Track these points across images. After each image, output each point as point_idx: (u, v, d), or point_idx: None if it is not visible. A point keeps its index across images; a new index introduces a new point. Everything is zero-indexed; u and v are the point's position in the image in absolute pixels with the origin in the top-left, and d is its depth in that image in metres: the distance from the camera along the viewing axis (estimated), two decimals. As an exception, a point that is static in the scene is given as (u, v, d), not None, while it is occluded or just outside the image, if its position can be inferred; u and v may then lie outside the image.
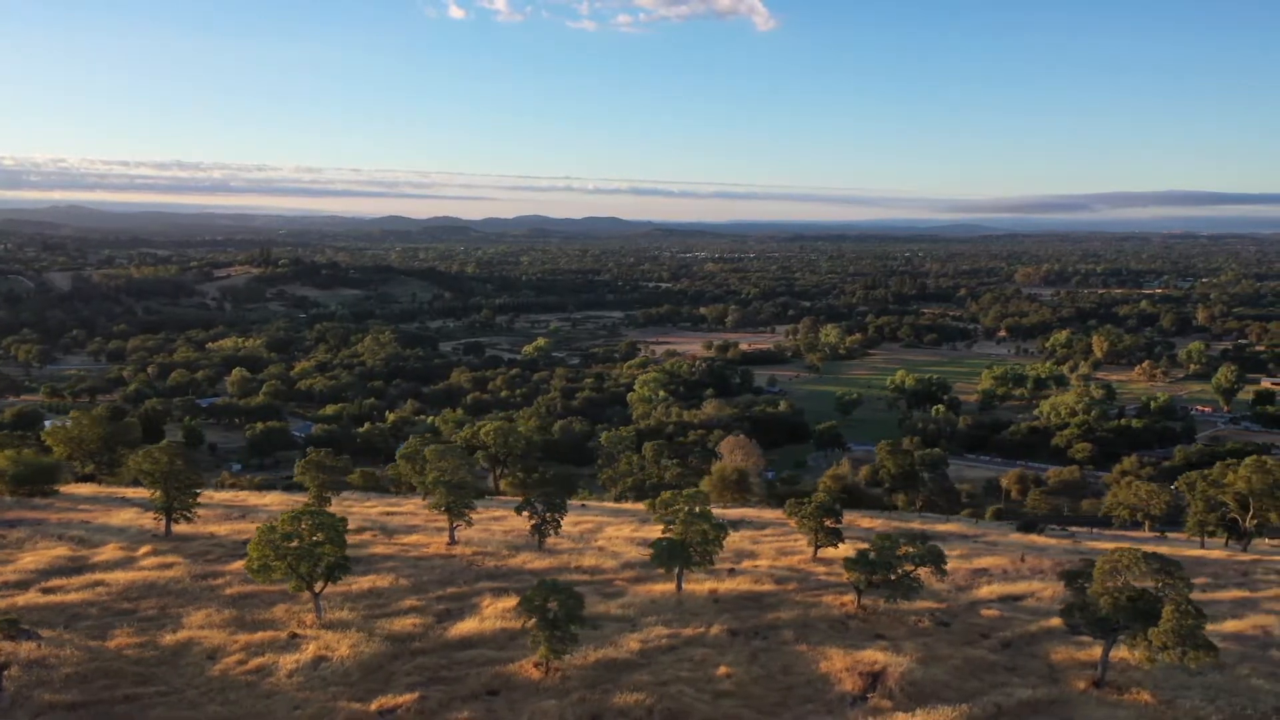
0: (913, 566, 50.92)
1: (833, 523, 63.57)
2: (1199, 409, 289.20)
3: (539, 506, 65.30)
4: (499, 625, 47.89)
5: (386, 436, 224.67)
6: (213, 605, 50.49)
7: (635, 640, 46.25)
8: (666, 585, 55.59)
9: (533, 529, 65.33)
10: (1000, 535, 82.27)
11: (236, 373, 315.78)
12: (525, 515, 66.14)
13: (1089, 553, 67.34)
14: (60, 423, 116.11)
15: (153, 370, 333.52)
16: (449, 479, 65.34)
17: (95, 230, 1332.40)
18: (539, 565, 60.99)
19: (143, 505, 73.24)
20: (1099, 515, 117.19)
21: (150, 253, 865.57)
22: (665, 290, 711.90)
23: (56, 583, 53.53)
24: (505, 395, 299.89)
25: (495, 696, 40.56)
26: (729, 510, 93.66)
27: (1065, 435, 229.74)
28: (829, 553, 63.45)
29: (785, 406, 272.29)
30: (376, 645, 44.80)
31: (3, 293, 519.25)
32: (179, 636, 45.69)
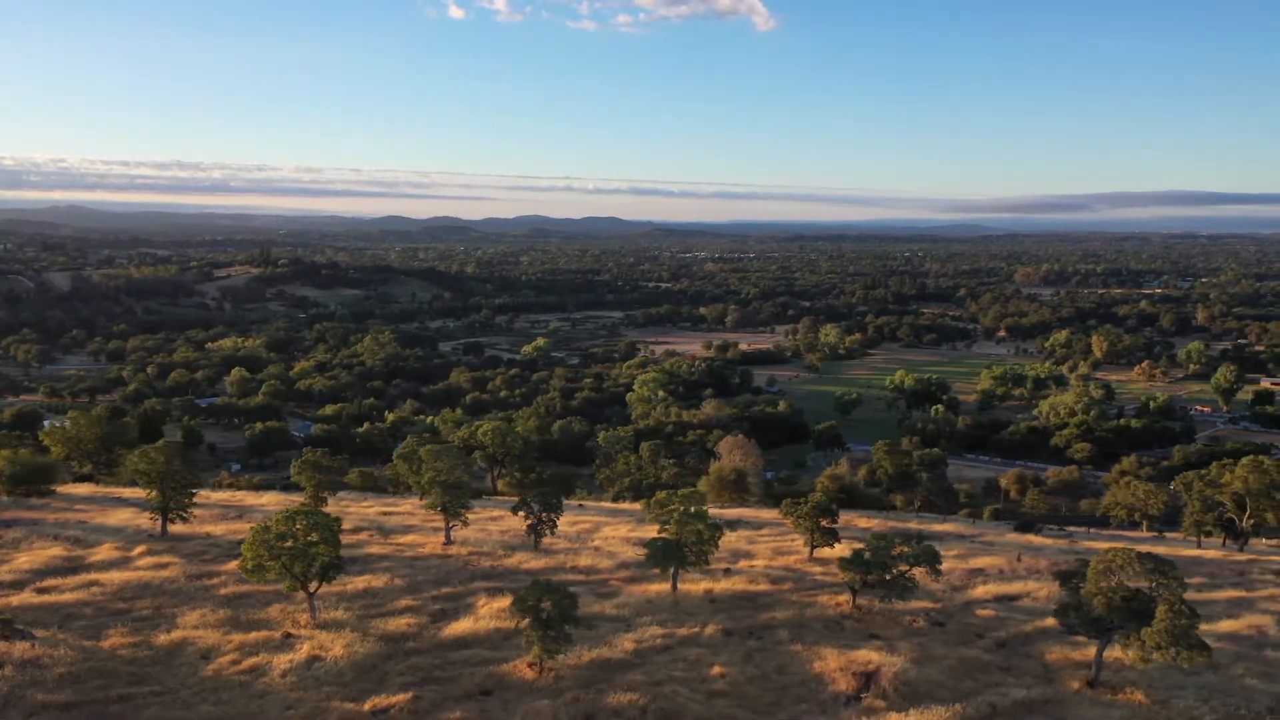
0: (907, 566, 50.90)
1: (829, 523, 63.57)
2: (1198, 409, 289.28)
3: (535, 506, 65.30)
4: (493, 625, 47.85)
5: (386, 436, 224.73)
6: (207, 605, 50.48)
7: (630, 640, 46.21)
8: (662, 585, 55.59)
9: (529, 529, 65.34)
10: (997, 535, 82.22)
11: (236, 373, 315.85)
12: (521, 515, 66.15)
13: (1085, 553, 67.23)
14: (58, 423, 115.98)
15: (152, 370, 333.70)
16: (444, 479, 65.34)
17: (95, 230, 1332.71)
18: (535, 565, 60.97)
19: (140, 505, 73.20)
20: (1097, 515, 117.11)
21: (150, 253, 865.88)
22: (665, 290, 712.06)
23: (51, 583, 53.50)
24: (505, 395, 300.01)
25: (489, 696, 40.53)
26: (727, 510, 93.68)
27: (1064, 435, 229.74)
28: (825, 553, 63.37)
29: (784, 406, 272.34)
30: (370, 645, 44.78)
31: (2, 293, 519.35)
32: (173, 636, 45.66)
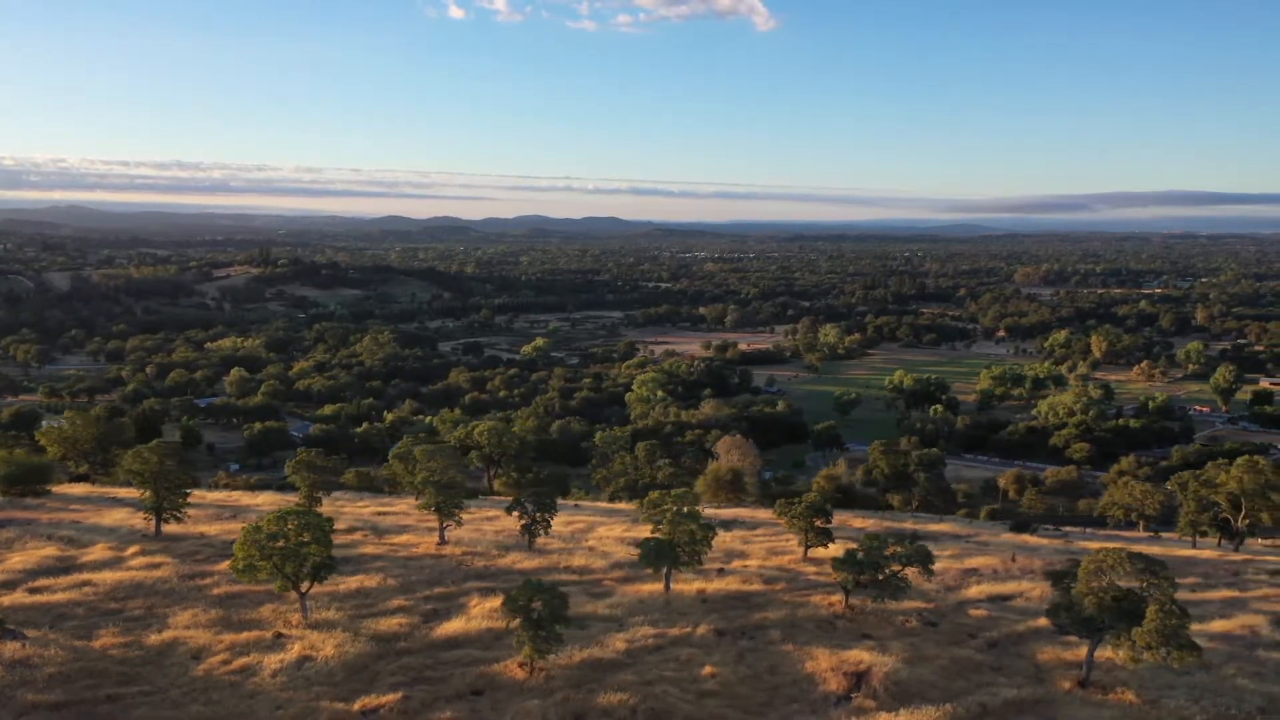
0: (900, 566, 50.84)
1: (822, 523, 63.49)
2: (1197, 409, 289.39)
3: (529, 506, 65.21)
4: (485, 625, 47.79)
5: (384, 436, 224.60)
6: (199, 605, 50.43)
7: (621, 640, 46.17)
8: (655, 585, 55.55)
9: (523, 529, 65.27)
10: (992, 535, 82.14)
11: (235, 373, 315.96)
12: (516, 515, 66.10)
13: (1080, 553, 67.07)
14: (55, 423, 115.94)
15: (151, 370, 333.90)
16: (438, 479, 65.28)
17: (95, 230, 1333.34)
18: (528, 565, 60.93)
19: (135, 505, 73.07)
20: (1094, 515, 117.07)
21: (150, 253, 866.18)
22: (664, 290, 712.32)
23: (43, 583, 53.44)
24: (504, 395, 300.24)
25: (479, 696, 40.50)
26: (722, 510, 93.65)
27: (1063, 435, 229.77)
28: (819, 553, 63.32)
29: (783, 406, 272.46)
30: (362, 645, 44.73)
31: (2, 293, 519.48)
32: (164, 636, 45.61)
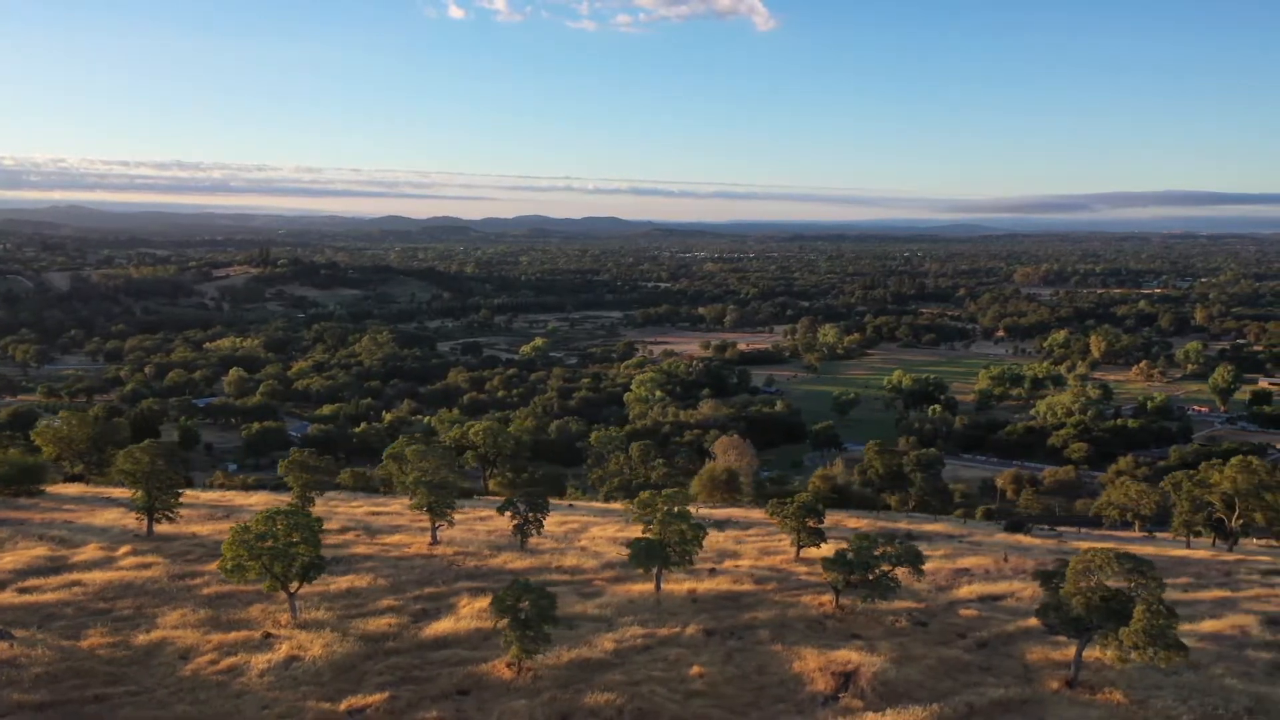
0: (890, 566, 50.82)
1: (815, 522, 63.47)
2: (1196, 409, 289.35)
3: (521, 507, 65.26)
4: (474, 625, 47.77)
5: (383, 436, 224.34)
6: (189, 605, 50.40)
7: (610, 640, 46.13)
8: (645, 585, 55.52)
9: (515, 529, 65.29)
10: (986, 535, 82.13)
11: (234, 373, 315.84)
12: (508, 515, 66.12)
13: (1073, 553, 66.57)
14: (50, 422, 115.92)
15: (150, 370, 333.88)
16: (430, 479, 65.25)
17: (95, 230, 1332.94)
18: (520, 565, 60.91)
19: (128, 505, 73.11)
20: (1089, 515, 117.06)
21: (149, 253, 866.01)
22: (664, 290, 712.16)
23: (33, 583, 53.42)
24: (502, 395, 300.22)
25: (466, 696, 40.45)
26: (717, 510, 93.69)
27: (1061, 435, 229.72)
28: (811, 553, 63.26)
29: (782, 406, 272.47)
30: (350, 645, 44.70)
31: (1, 293, 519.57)
32: (152, 636, 45.58)
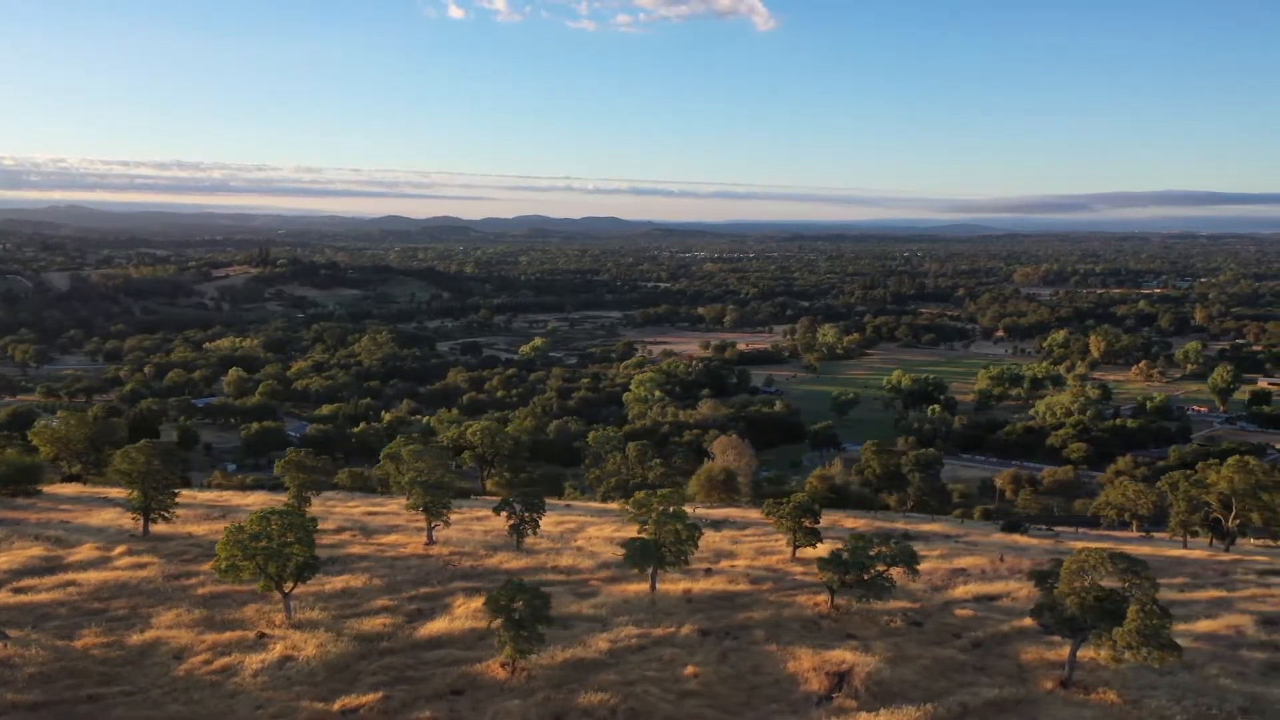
0: (885, 566, 50.79)
1: (810, 522, 63.45)
2: (1195, 409, 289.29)
3: (517, 507, 65.23)
4: (469, 625, 47.73)
5: (382, 436, 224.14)
6: (183, 605, 50.38)
7: (604, 640, 46.12)
8: (641, 585, 55.51)
9: (511, 529, 65.26)
10: (983, 535, 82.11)
11: (233, 373, 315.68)
12: (504, 515, 66.07)
13: (1070, 553, 66.82)
14: (47, 422, 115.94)
15: (149, 370, 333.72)
16: (425, 479, 65.23)
17: (95, 230, 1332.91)
18: (515, 565, 60.89)
19: (125, 505, 73.07)
20: (1087, 515, 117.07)
21: (149, 253, 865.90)
22: (664, 290, 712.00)
23: (28, 583, 53.41)
24: (501, 395, 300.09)
25: (459, 696, 40.45)
26: (714, 510, 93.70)
27: (1060, 435, 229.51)
28: (807, 553, 63.23)
29: (781, 406, 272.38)
30: (344, 645, 44.69)
31: (1, 292, 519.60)
32: (146, 636, 45.58)
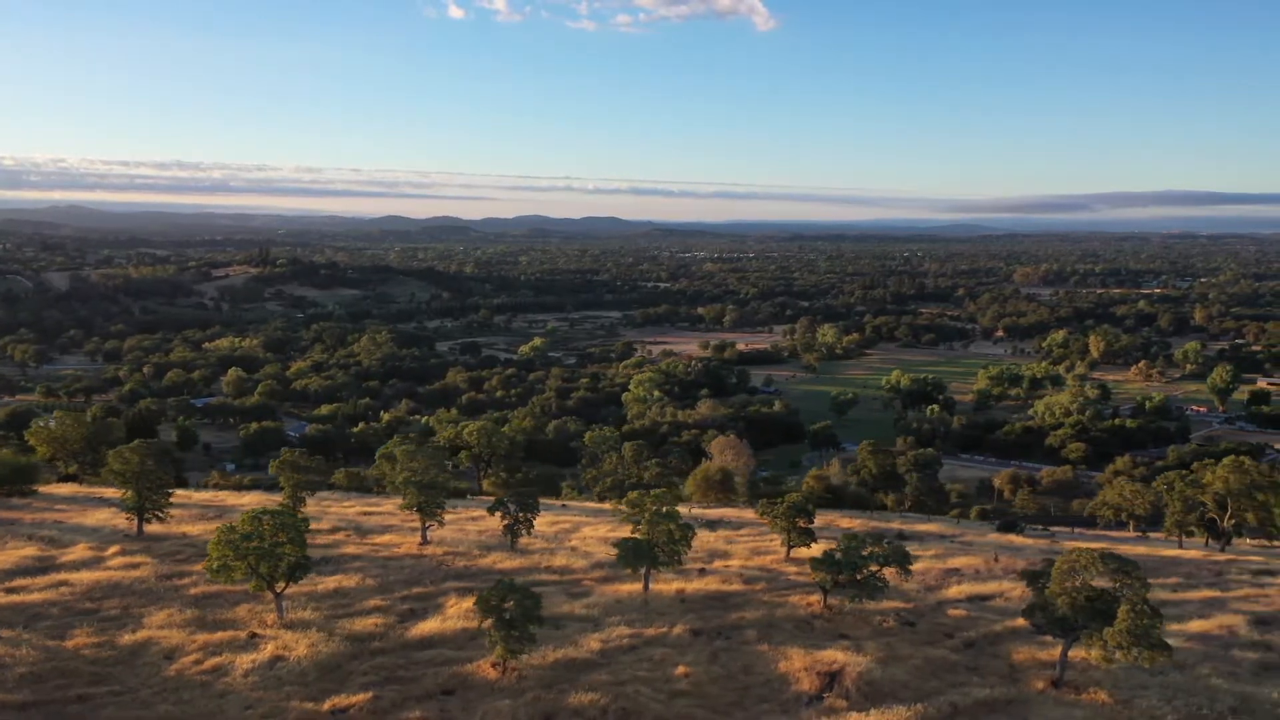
0: (878, 566, 50.78)
1: (805, 522, 63.38)
2: (1194, 409, 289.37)
3: (512, 507, 65.20)
4: (461, 625, 47.69)
5: (380, 436, 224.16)
6: (175, 605, 50.33)
7: (596, 640, 46.09)
8: (634, 585, 55.45)
9: (505, 529, 65.23)
10: (978, 535, 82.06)
11: (232, 373, 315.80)
12: (499, 515, 66.06)
13: (1065, 553, 67.03)
14: (44, 422, 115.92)
15: (148, 370, 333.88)
16: (419, 479, 65.20)
17: (95, 230, 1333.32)
18: (509, 565, 60.84)
19: (120, 505, 73.02)
20: (1085, 515, 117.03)
21: (149, 253, 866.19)
22: (663, 290, 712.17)
23: (21, 582, 53.37)
24: (500, 395, 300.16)
25: (450, 696, 40.42)
26: (710, 510, 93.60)
27: (1059, 435, 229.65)
28: (802, 552, 63.20)
29: (780, 406, 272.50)
30: (335, 645, 44.64)
31: (1, 292, 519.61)
32: (137, 636, 45.54)
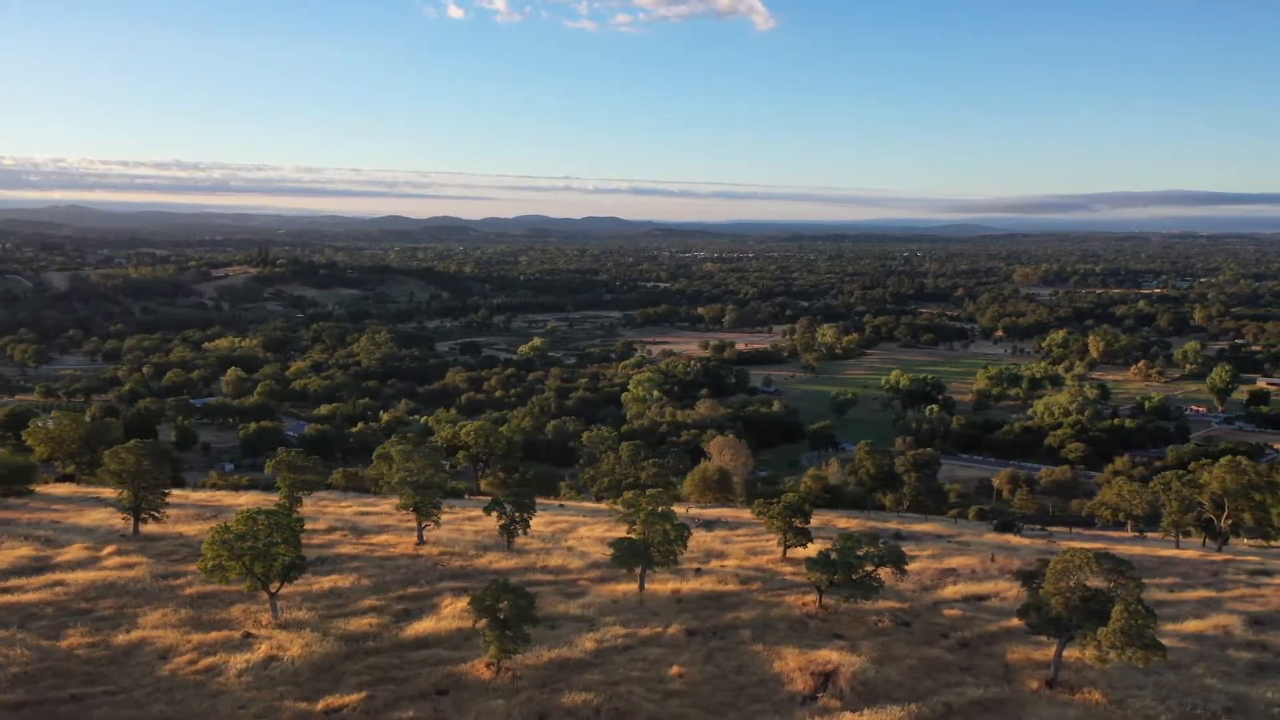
0: (873, 566, 50.76)
1: (801, 522, 63.37)
2: (1193, 409, 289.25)
3: (508, 506, 65.17)
4: (456, 625, 47.66)
5: (380, 436, 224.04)
6: (170, 605, 50.29)
7: (591, 640, 46.09)
8: (629, 585, 55.44)
9: (501, 529, 65.20)
10: (975, 535, 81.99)
11: (232, 372, 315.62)
12: (495, 515, 66.03)
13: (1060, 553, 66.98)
14: (42, 422, 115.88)
15: (148, 370, 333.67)
16: (415, 479, 65.17)
17: (94, 230, 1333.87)
18: (505, 565, 60.83)
19: (116, 505, 72.98)
20: (1082, 515, 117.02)
21: (148, 252, 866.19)
22: (663, 290, 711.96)
23: (16, 582, 53.31)
24: (500, 395, 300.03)
25: (444, 696, 40.41)
26: (708, 510, 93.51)
27: (1058, 435, 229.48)
28: (798, 552, 63.18)
29: (779, 406, 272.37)
30: (330, 645, 44.62)
31: (0, 292, 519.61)
32: (132, 636, 45.51)
